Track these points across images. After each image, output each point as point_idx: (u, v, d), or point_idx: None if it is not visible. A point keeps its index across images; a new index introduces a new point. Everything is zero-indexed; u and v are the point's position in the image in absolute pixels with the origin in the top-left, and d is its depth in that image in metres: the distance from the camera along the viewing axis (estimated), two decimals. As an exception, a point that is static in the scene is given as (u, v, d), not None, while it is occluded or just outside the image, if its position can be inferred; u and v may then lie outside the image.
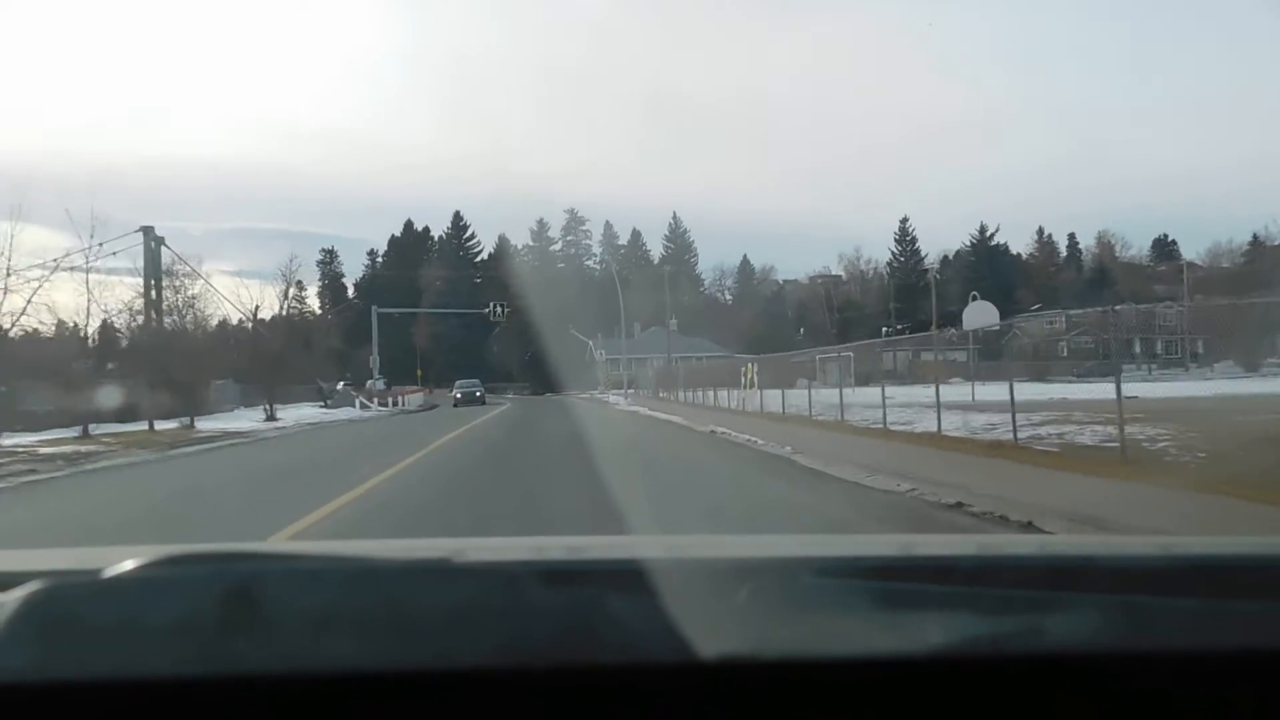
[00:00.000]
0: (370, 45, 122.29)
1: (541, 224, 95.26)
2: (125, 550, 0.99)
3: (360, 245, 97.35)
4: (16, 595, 0.74)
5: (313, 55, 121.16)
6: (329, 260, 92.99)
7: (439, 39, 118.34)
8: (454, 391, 50.96)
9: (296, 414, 33.03)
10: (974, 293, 46.44)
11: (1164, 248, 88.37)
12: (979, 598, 0.86)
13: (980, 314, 32.22)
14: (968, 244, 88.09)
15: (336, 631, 0.75)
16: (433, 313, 77.30)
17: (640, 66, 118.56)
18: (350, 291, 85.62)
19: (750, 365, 28.43)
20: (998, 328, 31.26)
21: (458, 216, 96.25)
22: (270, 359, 35.33)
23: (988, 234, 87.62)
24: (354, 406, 39.87)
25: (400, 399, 46.32)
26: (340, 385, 44.71)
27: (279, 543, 5.87)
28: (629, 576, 0.83)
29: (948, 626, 0.80)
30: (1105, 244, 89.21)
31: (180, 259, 35.67)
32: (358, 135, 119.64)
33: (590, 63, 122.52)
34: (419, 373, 63.39)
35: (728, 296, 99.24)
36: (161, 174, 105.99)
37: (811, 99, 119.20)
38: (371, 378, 50.90)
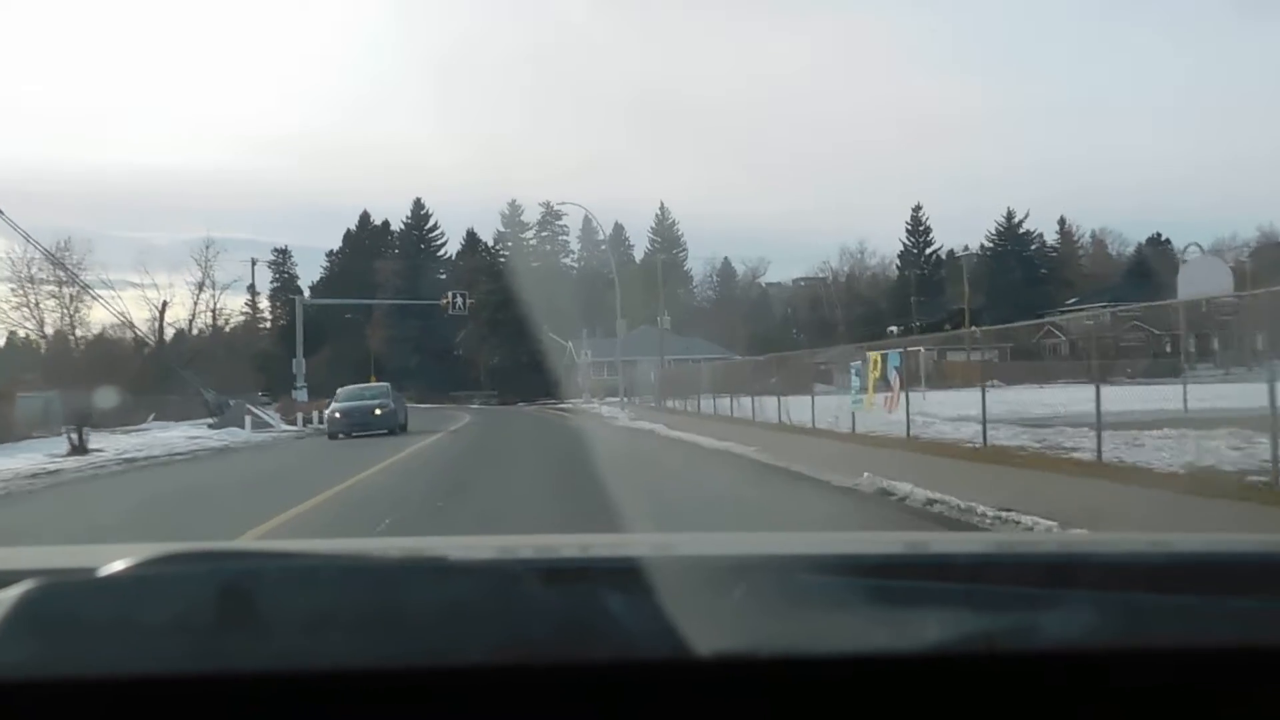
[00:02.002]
0: (338, 40, 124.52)
1: (514, 206, 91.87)
2: (121, 549, 1.08)
3: (322, 252, 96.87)
4: (12, 593, 0.81)
5: (275, 55, 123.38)
6: (281, 260, 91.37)
7: (408, 32, 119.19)
8: (331, 409, 32.71)
9: (142, 439, 26.61)
10: (1193, 243, 37.17)
11: (1158, 246, 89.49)
12: (975, 595, 0.94)
13: (1204, 274, 21.55)
14: (993, 232, 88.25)
15: (332, 629, 0.82)
16: (380, 304, 75.51)
17: (625, 60, 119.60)
18: (306, 294, 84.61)
19: (879, 357, 20.04)
20: (1233, 299, 22.56)
21: (419, 204, 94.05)
22: (80, 369, 31.18)
23: (1015, 221, 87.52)
24: (243, 427, 33.64)
25: (323, 414, 39.04)
26: (255, 400, 40.66)
27: (275, 542, 5.95)
28: (626, 574, 0.90)
29: (944, 623, 0.87)
30: (1100, 241, 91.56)
31: (47, 251, 32.71)
32: (322, 138, 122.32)
33: (570, 53, 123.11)
34: (372, 379, 62.85)
35: (720, 293, 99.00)
36: (147, 181, 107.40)
37: (802, 97, 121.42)
38: (295, 386, 46.95)
